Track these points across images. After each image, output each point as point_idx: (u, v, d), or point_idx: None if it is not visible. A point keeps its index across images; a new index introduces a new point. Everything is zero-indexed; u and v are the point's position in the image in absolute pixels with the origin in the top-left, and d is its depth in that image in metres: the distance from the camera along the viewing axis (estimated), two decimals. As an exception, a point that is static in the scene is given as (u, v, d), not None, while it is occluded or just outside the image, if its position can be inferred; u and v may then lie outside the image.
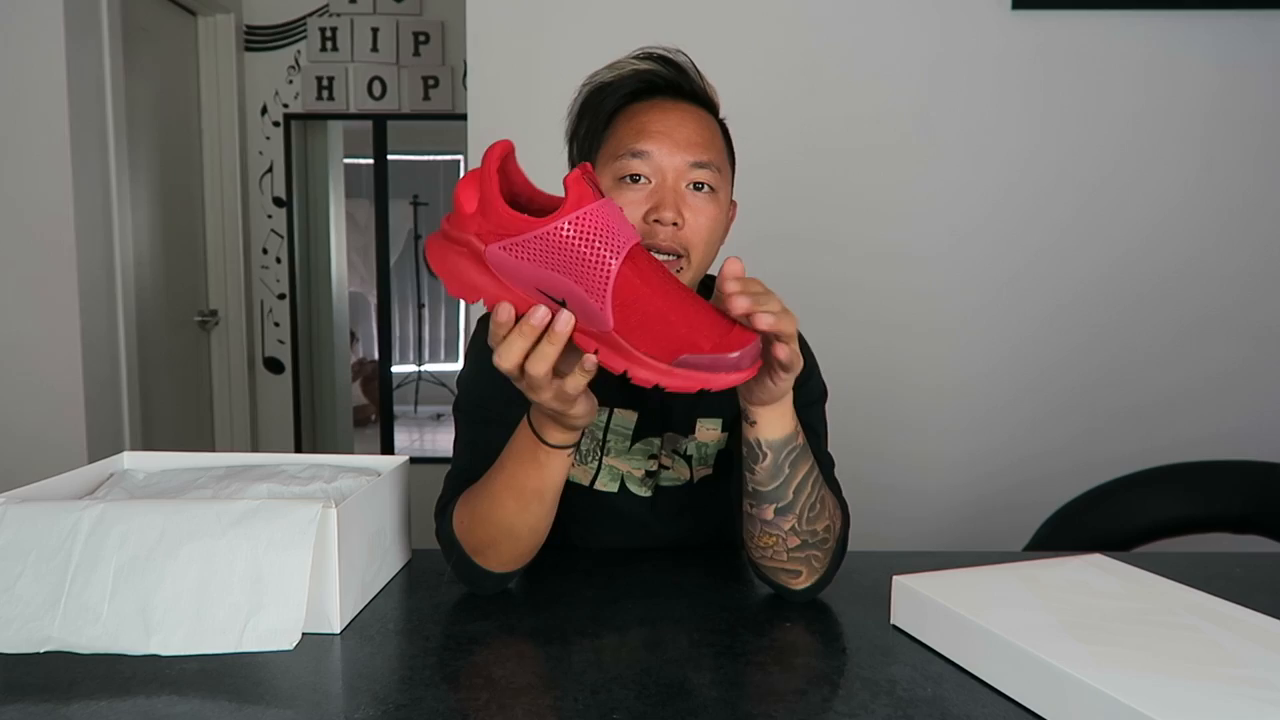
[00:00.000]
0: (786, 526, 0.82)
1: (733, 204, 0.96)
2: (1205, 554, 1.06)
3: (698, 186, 0.89)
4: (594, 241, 0.63)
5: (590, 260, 0.63)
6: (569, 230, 0.63)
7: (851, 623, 0.83)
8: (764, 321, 0.66)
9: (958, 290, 2.00)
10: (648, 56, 0.94)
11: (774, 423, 0.78)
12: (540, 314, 0.66)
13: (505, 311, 0.67)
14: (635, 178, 0.88)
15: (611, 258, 0.63)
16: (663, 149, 0.88)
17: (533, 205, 0.69)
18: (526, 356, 0.68)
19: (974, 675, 0.71)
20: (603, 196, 0.65)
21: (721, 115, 0.97)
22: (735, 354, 0.63)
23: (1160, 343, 2.00)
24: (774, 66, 1.96)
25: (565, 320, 0.65)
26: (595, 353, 0.65)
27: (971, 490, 2.05)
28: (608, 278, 0.63)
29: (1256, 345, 1.99)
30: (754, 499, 0.82)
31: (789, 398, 0.78)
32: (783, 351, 0.68)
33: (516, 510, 0.82)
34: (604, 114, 0.93)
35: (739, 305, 0.66)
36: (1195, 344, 2.00)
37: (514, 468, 0.81)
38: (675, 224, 0.87)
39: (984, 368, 2.02)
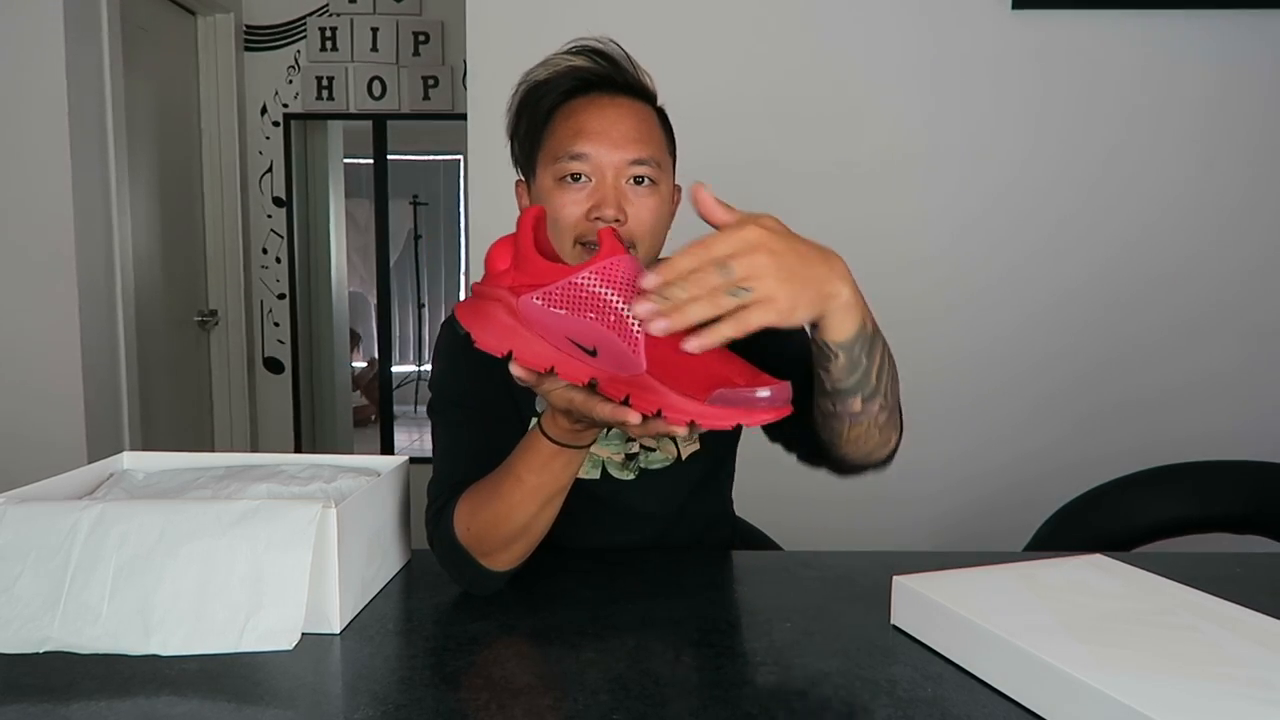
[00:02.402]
0: (876, 408, 0.78)
1: (677, 189, 0.97)
2: (1205, 554, 1.06)
3: (638, 180, 0.90)
4: (627, 286, 0.64)
5: (622, 304, 0.64)
6: (605, 274, 0.65)
7: (851, 623, 0.83)
8: (657, 328, 0.60)
9: (955, 288, 2.00)
10: (580, 50, 0.95)
11: (840, 324, 0.69)
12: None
13: (522, 372, 0.69)
14: (576, 176, 0.89)
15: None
16: (600, 148, 0.89)
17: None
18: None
19: (974, 675, 0.71)
20: (630, 254, 0.67)
21: (660, 102, 0.97)
22: (766, 391, 0.62)
23: (1159, 341, 2.00)
24: (772, 66, 1.96)
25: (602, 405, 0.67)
26: (625, 399, 0.65)
27: (970, 491, 2.04)
28: (641, 319, 0.64)
29: (1255, 344, 1.99)
30: (835, 397, 0.76)
31: (845, 294, 0.68)
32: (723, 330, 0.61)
33: (537, 511, 0.82)
34: (541, 113, 0.94)
35: (642, 311, 0.60)
36: (1194, 342, 2.00)
37: (536, 478, 0.80)
38: (618, 220, 0.88)
39: (983, 366, 2.02)
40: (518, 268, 0.69)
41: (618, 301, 0.64)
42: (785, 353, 0.83)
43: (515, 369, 0.69)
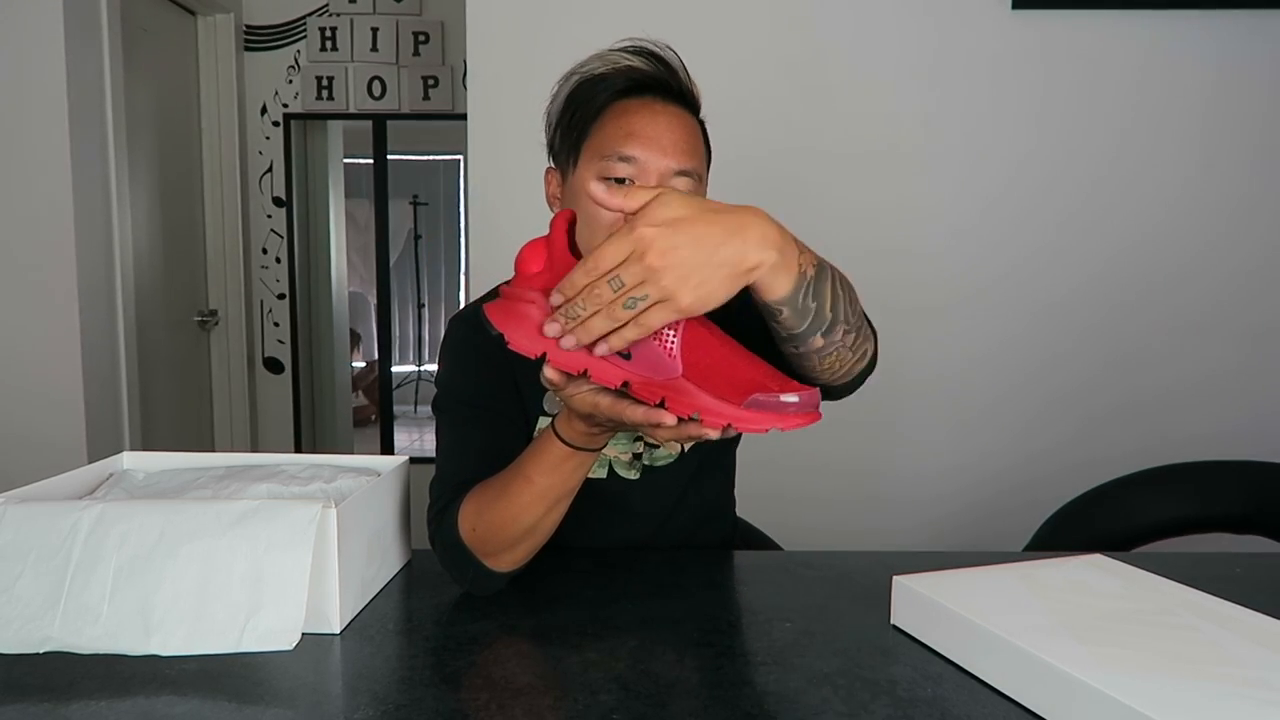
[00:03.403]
0: (839, 336, 0.76)
1: None
2: (1205, 554, 1.06)
3: None
4: None
5: None
6: None
7: (851, 623, 0.83)
8: (566, 344, 0.63)
9: (955, 289, 2.00)
10: (638, 51, 0.94)
11: (772, 285, 0.66)
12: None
13: (554, 375, 0.68)
14: (619, 180, 0.89)
15: None
16: (649, 153, 0.89)
17: None
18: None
19: (974, 675, 0.71)
20: None
21: (701, 115, 0.97)
22: (796, 397, 0.63)
23: (1159, 342, 2.00)
24: (772, 65, 1.96)
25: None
26: (661, 403, 0.65)
27: (971, 491, 2.05)
28: (678, 324, 0.64)
29: (1255, 344, 1.99)
30: (795, 342, 0.74)
31: (769, 260, 0.64)
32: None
33: (545, 513, 0.82)
34: (592, 109, 0.93)
35: (551, 331, 0.63)
36: (1194, 343, 2.00)
37: (547, 480, 0.80)
38: None
39: (982, 367, 2.02)
40: (551, 270, 0.69)
41: None
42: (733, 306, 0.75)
43: (548, 371, 0.68)
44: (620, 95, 0.93)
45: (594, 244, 0.88)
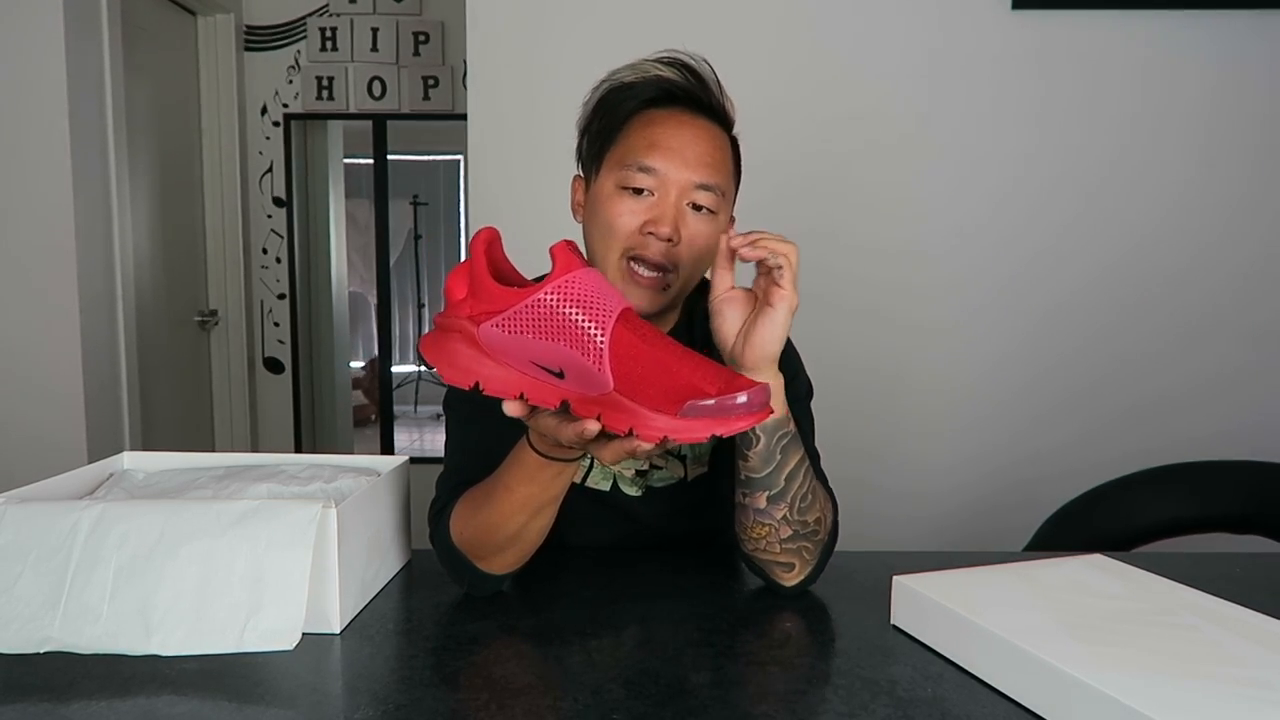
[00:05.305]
0: (779, 515, 0.83)
1: (731, 220, 0.96)
2: (1205, 554, 1.06)
3: (696, 207, 0.89)
4: (586, 303, 0.63)
5: (584, 322, 0.62)
6: (562, 294, 0.63)
7: (851, 623, 0.83)
8: (753, 253, 0.77)
9: (957, 290, 2.00)
10: (672, 62, 0.92)
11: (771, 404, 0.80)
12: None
13: (512, 407, 0.68)
14: (639, 190, 0.88)
15: (606, 317, 0.63)
16: (671, 165, 0.87)
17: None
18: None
19: (974, 675, 0.71)
20: (588, 266, 0.65)
21: (735, 131, 0.96)
22: (743, 396, 0.60)
23: (1160, 342, 2.00)
24: (773, 65, 1.96)
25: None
26: (598, 418, 0.63)
27: (972, 490, 2.05)
28: (604, 336, 0.62)
29: (1256, 345, 1.99)
30: (747, 487, 0.84)
31: (780, 384, 0.81)
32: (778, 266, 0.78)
33: (528, 521, 0.81)
34: (619, 116, 0.92)
35: (737, 244, 0.78)
36: (1195, 344, 2.00)
37: (526, 490, 0.79)
38: (670, 240, 0.87)
39: (984, 367, 2.02)
40: (474, 295, 0.67)
41: (580, 317, 0.62)
42: (786, 393, 0.84)
43: (508, 407, 0.67)
44: (648, 105, 0.91)
45: (609, 253, 0.89)
